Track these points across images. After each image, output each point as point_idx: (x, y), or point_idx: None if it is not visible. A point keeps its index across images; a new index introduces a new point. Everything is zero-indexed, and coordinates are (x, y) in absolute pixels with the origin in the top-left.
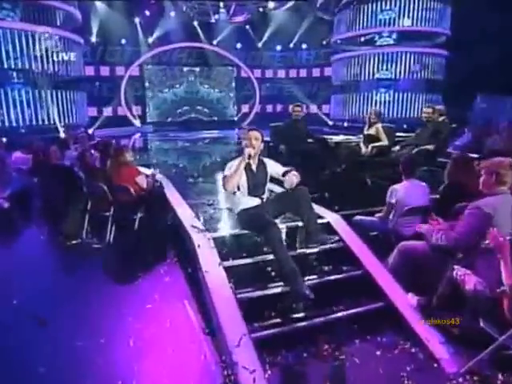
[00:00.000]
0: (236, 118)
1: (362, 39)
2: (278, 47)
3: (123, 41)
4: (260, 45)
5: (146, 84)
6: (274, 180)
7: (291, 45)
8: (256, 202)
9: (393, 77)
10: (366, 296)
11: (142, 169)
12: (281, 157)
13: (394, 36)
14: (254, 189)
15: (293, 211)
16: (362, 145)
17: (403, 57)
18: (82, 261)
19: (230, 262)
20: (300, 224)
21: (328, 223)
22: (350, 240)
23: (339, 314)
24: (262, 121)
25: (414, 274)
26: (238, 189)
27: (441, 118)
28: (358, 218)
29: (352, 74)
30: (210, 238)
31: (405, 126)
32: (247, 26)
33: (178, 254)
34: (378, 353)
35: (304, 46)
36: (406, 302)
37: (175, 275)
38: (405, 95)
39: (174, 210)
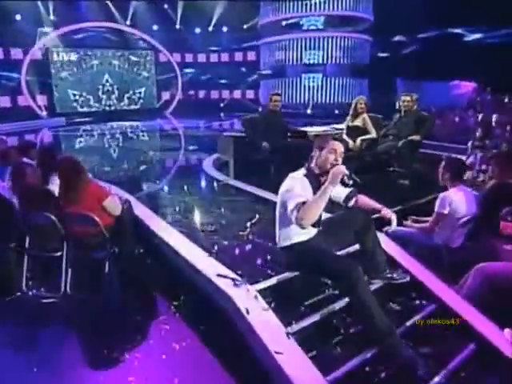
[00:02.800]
0: (157, 106)
1: (284, 23)
2: (198, 30)
3: (18, 16)
4: (178, 26)
5: (52, 70)
6: None
7: (210, 28)
8: (313, 232)
9: (320, 62)
10: (454, 338)
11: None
12: (262, 155)
13: (321, 20)
14: None
15: (353, 240)
16: (346, 138)
17: (330, 42)
18: (25, 324)
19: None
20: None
21: None
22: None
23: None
24: (186, 108)
25: (500, 302)
26: None
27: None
28: (389, 228)
29: (280, 59)
30: (255, 293)
31: (336, 112)
32: (165, 6)
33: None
34: None
35: (225, 28)
36: (504, 339)
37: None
38: (333, 80)
39: (165, 245)
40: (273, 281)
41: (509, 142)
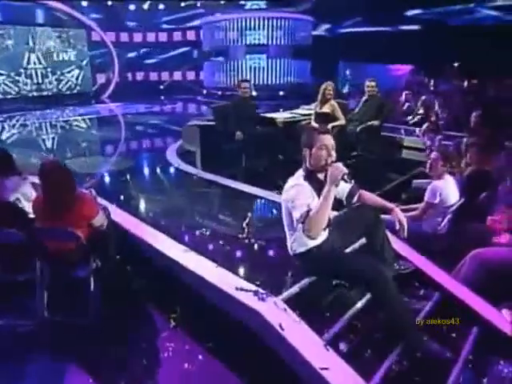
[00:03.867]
0: (94, 90)
1: (224, 2)
2: (132, 7)
3: None
4: (110, 3)
5: None
6: None
7: (146, 5)
8: (325, 233)
9: (264, 42)
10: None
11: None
12: (234, 145)
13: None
14: None
15: (362, 237)
16: (314, 124)
17: (272, 22)
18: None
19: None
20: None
21: None
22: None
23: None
24: (124, 92)
25: (496, 285)
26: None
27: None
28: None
29: (223, 39)
30: (283, 305)
31: (281, 93)
32: None
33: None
34: None
35: (162, 6)
36: (504, 320)
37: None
38: (276, 61)
39: (159, 255)
40: (295, 289)
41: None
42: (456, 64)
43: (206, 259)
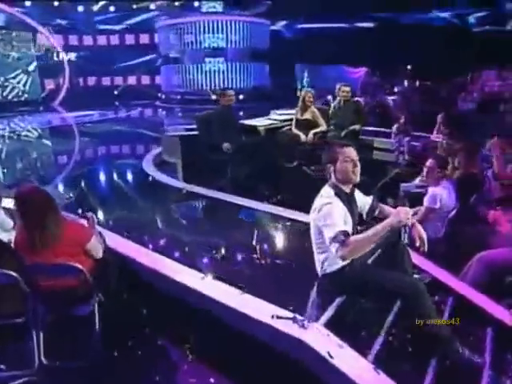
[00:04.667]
0: (42, 97)
1: (179, 3)
2: (80, 8)
3: None
4: (57, 3)
5: None
6: None
7: (96, 7)
8: None
9: (222, 46)
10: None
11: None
12: (223, 157)
13: (221, 3)
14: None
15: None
16: (296, 131)
17: (230, 25)
18: None
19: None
20: None
21: None
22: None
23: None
24: (77, 98)
25: (502, 284)
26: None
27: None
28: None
29: (181, 43)
30: (325, 330)
31: (241, 97)
32: None
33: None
34: None
35: (112, 8)
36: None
37: None
38: (235, 65)
39: (172, 283)
40: (330, 312)
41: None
42: (409, 66)
43: (227, 285)
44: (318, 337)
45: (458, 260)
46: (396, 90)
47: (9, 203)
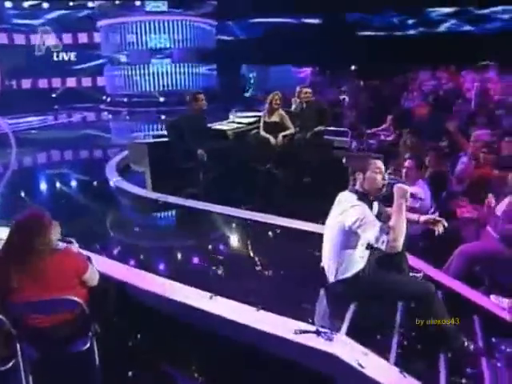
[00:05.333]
0: None
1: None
2: (8, 4)
3: None
4: None
5: None
6: None
7: (27, 3)
8: (366, 254)
9: (167, 46)
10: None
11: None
12: (196, 164)
13: (165, 2)
14: None
15: None
16: (264, 134)
17: (175, 25)
18: None
19: None
20: None
21: None
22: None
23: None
24: (10, 102)
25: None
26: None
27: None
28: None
29: (125, 43)
30: (348, 339)
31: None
32: None
33: None
34: None
35: (46, 4)
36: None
37: None
38: (182, 66)
39: (183, 308)
40: (348, 320)
41: None
42: (354, 66)
43: (239, 303)
44: (345, 347)
45: (438, 254)
46: (343, 89)
47: None
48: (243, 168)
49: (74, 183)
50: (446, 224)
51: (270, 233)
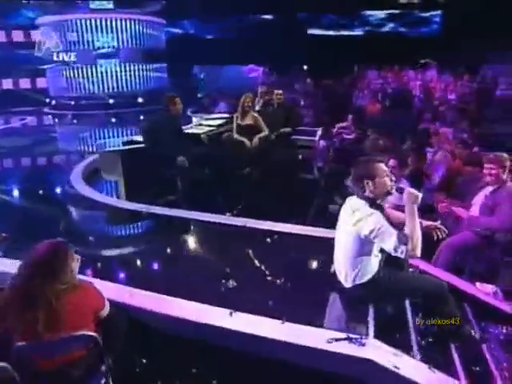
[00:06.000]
0: None
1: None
2: None
3: None
4: None
5: None
6: None
7: None
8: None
9: (114, 46)
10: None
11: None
12: (177, 171)
13: (110, 1)
14: None
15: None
16: (238, 137)
17: (122, 24)
18: None
19: None
20: None
21: None
22: None
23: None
24: None
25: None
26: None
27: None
28: None
29: (68, 42)
30: (377, 342)
31: (140, 100)
32: None
33: None
34: None
35: None
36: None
37: None
38: (130, 66)
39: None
40: (371, 322)
41: None
42: (305, 66)
43: (261, 317)
44: (378, 350)
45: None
46: (297, 89)
47: None
48: (224, 173)
49: (34, 196)
50: (446, 231)
51: (268, 239)
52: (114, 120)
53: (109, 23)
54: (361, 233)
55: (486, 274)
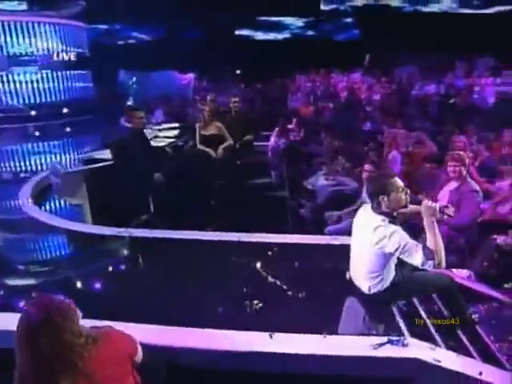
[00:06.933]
0: None
1: None
2: None
3: None
4: None
5: None
6: None
7: None
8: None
9: (32, 52)
10: None
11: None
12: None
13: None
14: None
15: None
16: (202, 148)
17: (39, 28)
18: None
19: None
20: None
21: None
22: None
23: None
24: None
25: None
26: None
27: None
28: (330, 229)
29: None
30: (416, 340)
31: (65, 110)
32: None
33: None
34: None
35: None
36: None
37: None
38: (48, 74)
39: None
40: (401, 321)
41: None
42: (238, 71)
43: (302, 334)
44: (418, 348)
45: None
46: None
47: None
48: (198, 187)
49: None
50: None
51: (268, 252)
52: (37, 134)
53: (24, 26)
54: (385, 250)
55: (457, 262)
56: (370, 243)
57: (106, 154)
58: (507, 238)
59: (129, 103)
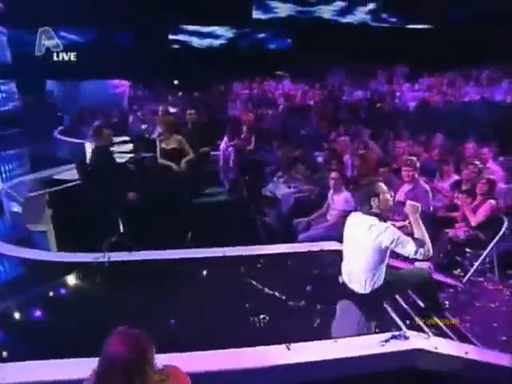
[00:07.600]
0: None
1: None
2: None
3: None
4: None
5: None
6: None
7: None
8: None
9: None
10: None
11: None
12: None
13: None
14: None
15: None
16: (165, 162)
17: None
18: None
19: None
20: None
21: None
22: None
23: None
24: None
25: None
26: None
27: None
28: (303, 236)
29: None
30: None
31: None
32: None
33: None
34: None
35: None
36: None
37: None
38: None
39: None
40: (396, 317)
41: None
42: (176, 81)
43: (315, 342)
44: (418, 339)
45: None
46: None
47: None
48: (167, 202)
49: None
50: None
51: (256, 264)
52: None
53: None
54: (382, 245)
55: None
56: (367, 240)
57: (67, 174)
58: (456, 232)
59: (59, 114)
